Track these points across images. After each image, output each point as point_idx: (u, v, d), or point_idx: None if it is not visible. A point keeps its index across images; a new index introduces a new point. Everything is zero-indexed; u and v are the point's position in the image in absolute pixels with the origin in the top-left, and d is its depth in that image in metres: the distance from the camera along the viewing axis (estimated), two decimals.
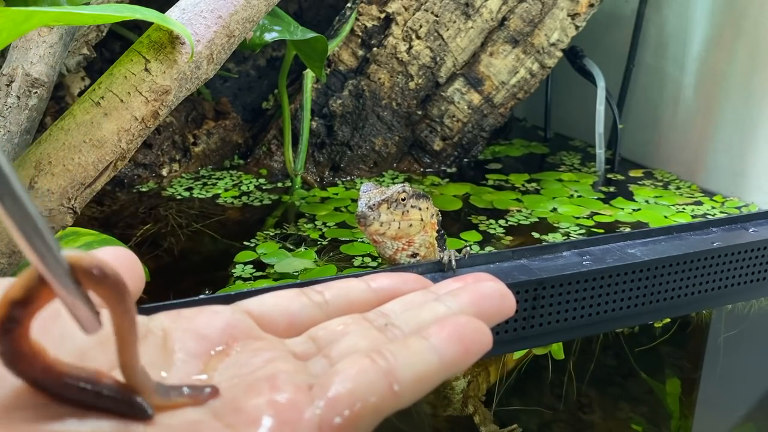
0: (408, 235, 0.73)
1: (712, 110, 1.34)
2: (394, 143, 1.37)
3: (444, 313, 0.52)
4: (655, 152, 1.48)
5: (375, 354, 0.43)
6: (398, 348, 0.45)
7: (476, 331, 0.47)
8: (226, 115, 1.42)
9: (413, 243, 0.75)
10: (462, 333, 0.46)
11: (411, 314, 0.52)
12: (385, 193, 0.71)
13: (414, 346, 0.45)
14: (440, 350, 0.45)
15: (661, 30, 1.45)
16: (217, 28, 0.68)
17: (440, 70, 1.34)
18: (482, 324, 0.48)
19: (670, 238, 0.85)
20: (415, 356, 0.44)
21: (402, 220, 0.71)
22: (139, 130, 0.64)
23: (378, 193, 0.71)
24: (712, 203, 1.25)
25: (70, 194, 0.61)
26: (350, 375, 0.42)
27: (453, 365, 0.46)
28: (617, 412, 1.06)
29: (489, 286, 0.55)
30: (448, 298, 0.54)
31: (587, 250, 0.80)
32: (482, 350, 0.47)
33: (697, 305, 0.85)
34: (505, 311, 0.55)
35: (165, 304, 0.58)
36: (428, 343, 0.45)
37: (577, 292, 0.74)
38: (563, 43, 1.37)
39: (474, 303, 0.53)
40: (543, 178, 1.38)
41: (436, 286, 0.60)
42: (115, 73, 0.64)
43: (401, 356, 0.44)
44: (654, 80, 1.48)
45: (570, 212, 1.18)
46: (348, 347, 0.47)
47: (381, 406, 0.42)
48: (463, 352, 0.46)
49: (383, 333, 0.49)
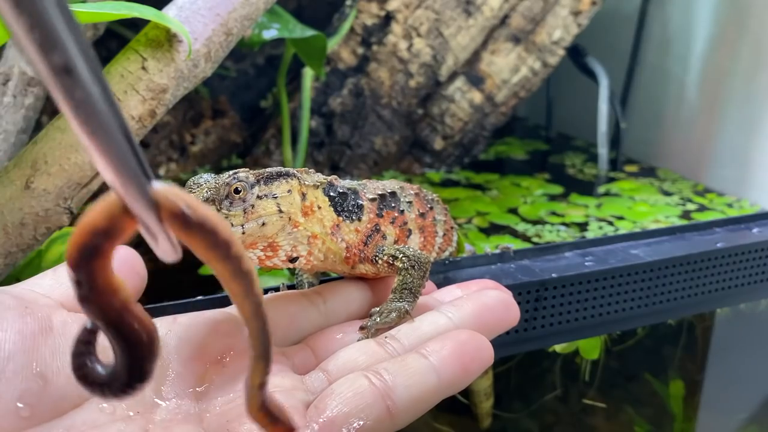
0: (265, 237, 0.52)
1: (716, 109, 1.34)
2: (395, 142, 1.37)
3: (445, 325, 0.52)
4: (658, 151, 1.48)
5: (372, 374, 0.44)
6: (396, 367, 0.45)
7: (477, 349, 0.47)
8: (224, 113, 1.42)
9: (278, 247, 0.53)
10: (462, 351, 0.46)
11: (411, 327, 0.52)
12: (213, 188, 0.50)
13: (413, 365, 0.45)
14: (439, 370, 0.45)
15: (664, 28, 1.45)
16: (215, 26, 0.68)
17: (441, 68, 1.34)
18: (483, 340, 0.48)
19: (673, 239, 0.85)
20: (414, 377, 0.44)
21: (247, 221, 0.50)
22: (136, 129, 0.64)
23: (206, 190, 0.50)
24: (705, 201, 1.25)
25: (67, 194, 0.61)
26: (346, 397, 0.42)
27: (452, 385, 0.46)
28: (620, 415, 1.06)
29: (493, 296, 0.55)
30: (451, 309, 0.53)
31: (590, 250, 0.80)
32: (483, 367, 0.47)
33: (700, 306, 0.85)
34: (508, 322, 0.55)
35: (162, 305, 0.58)
36: (427, 362, 0.45)
37: (579, 293, 0.74)
38: (566, 41, 1.37)
39: (477, 315, 0.53)
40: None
41: (439, 291, 0.61)
42: (112, 71, 0.64)
43: (399, 377, 0.44)
44: (657, 79, 1.48)
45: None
46: (346, 362, 0.48)
47: (377, 428, 0.42)
48: (462, 371, 0.46)
49: (382, 347, 0.49)
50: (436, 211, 0.70)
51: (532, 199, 1.25)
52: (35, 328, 0.40)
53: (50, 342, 0.40)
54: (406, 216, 0.64)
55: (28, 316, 0.40)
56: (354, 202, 0.59)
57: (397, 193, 0.64)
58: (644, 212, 1.19)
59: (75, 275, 0.28)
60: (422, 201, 0.67)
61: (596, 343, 0.93)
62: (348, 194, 0.59)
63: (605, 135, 1.42)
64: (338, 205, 0.57)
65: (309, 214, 0.54)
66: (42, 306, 0.42)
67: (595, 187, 1.34)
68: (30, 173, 0.60)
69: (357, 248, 0.58)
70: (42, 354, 0.39)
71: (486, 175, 1.40)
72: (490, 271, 0.74)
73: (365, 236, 0.59)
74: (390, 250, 0.58)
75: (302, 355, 0.50)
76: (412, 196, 0.66)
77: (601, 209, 1.20)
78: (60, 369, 0.39)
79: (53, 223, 0.62)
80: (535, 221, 1.14)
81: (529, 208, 1.20)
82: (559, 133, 1.75)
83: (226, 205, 0.49)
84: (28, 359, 0.38)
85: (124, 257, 0.50)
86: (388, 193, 0.62)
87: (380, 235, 0.60)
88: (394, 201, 0.63)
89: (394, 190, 0.63)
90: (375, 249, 0.59)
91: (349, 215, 0.58)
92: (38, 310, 0.41)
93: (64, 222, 0.62)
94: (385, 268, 0.58)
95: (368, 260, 0.59)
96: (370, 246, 0.59)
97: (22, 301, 0.41)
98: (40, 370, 0.38)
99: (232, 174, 0.50)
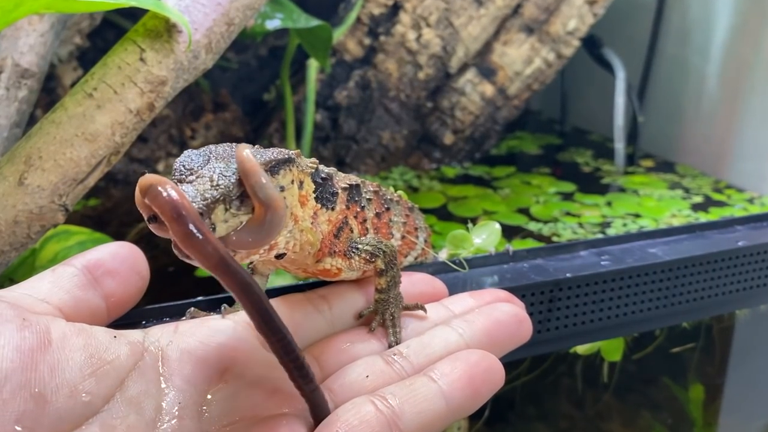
0: None
1: (738, 102, 1.33)
2: (403, 137, 1.37)
3: (456, 342, 0.51)
4: (677, 146, 1.48)
5: (379, 399, 0.43)
6: (404, 392, 0.44)
7: (488, 371, 0.47)
8: (226, 107, 1.42)
9: (275, 245, 0.48)
10: (473, 374, 0.46)
11: (421, 343, 0.52)
12: (216, 179, 0.42)
13: (421, 390, 0.45)
14: (448, 394, 0.45)
15: (683, 18, 1.44)
16: (216, 16, 0.68)
17: (451, 59, 1.34)
18: (495, 362, 0.48)
19: (692, 237, 0.84)
20: (422, 403, 0.44)
21: None
22: (134, 123, 0.64)
23: (207, 182, 0.41)
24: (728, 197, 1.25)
25: (62, 190, 0.61)
26: (352, 425, 0.42)
27: (461, 410, 0.46)
28: (638, 420, 1.06)
29: (506, 311, 0.55)
30: (462, 324, 0.53)
31: (606, 249, 0.80)
32: (494, 390, 0.47)
33: (721, 307, 0.84)
34: (520, 339, 0.54)
35: (160, 306, 0.58)
36: (436, 387, 0.45)
37: (595, 294, 0.74)
38: (581, 31, 1.37)
39: (488, 332, 0.53)
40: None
41: (450, 300, 0.60)
42: (109, 63, 0.64)
43: (407, 403, 0.44)
44: (676, 70, 1.47)
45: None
46: (352, 382, 0.47)
47: None
48: (472, 395, 0.46)
49: (390, 365, 0.49)
50: (394, 212, 0.65)
51: (545, 198, 1.25)
52: (33, 343, 0.39)
53: (48, 358, 0.39)
54: (366, 213, 0.60)
55: (26, 329, 0.40)
56: (331, 189, 0.54)
57: (360, 187, 0.60)
58: (654, 208, 1.19)
59: (147, 214, 0.40)
60: (380, 200, 0.63)
61: (618, 344, 0.93)
62: (327, 180, 0.54)
63: (622, 129, 1.41)
64: (319, 191, 0.53)
65: (304, 204, 0.50)
66: (40, 316, 0.42)
67: (610, 184, 1.33)
68: (23, 169, 0.59)
69: (328, 240, 0.54)
70: (41, 372, 0.38)
71: (504, 168, 1.40)
72: (501, 271, 0.73)
73: (336, 228, 0.55)
74: (368, 247, 0.55)
75: None
76: (371, 193, 0.62)
77: (613, 207, 1.20)
78: (59, 387, 0.39)
79: (48, 221, 0.61)
80: (547, 221, 1.14)
81: (541, 208, 1.20)
82: (573, 127, 1.74)
83: (236, 205, 0.42)
84: (26, 378, 0.38)
85: (124, 255, 0.50)
86: (354, 185, 0.59)
87: (348, 228, 0.57)
88: (358, 195, 0.59)
89: (358, 183, 0.60)
90: (347, 242, 0.56)
91: (325, 203, 0.53)
92: (36, 322, 0.41)
93: (59, 220, 0.62)
94: (360, 265, 0.55)
95: (340, 254, 0.55)
96: (341, 239, 0.55)
97: (20, 311, 0.41)
98: (39, 390, 0.38)
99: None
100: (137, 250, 0.51)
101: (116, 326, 0.48)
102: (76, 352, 0.40)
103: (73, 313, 0.45)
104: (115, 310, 0.49)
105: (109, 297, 0.48)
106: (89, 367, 0.40)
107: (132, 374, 0.42)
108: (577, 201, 1.23)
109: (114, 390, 0.41)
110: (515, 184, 1.32)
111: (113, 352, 0.42)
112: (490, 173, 1.38)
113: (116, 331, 0.45)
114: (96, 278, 0.48)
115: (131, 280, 0.50)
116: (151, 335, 0.47)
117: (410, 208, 0.70)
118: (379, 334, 0.54)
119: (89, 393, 0.39)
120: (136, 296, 0.51)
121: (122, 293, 0.49)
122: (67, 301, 0.46)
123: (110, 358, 0.42)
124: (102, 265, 0.49)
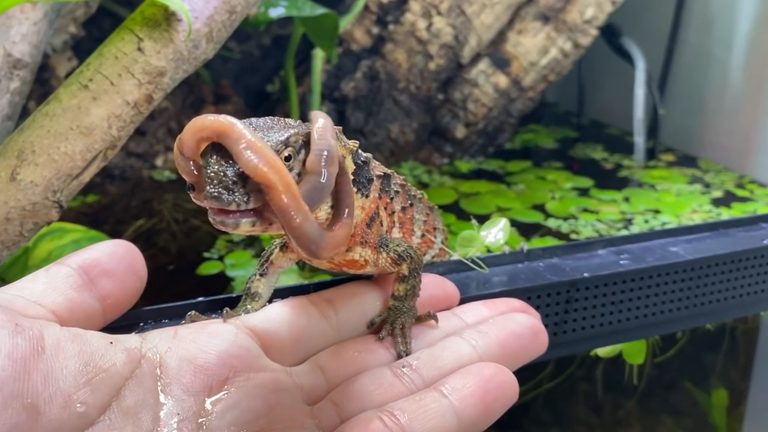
0: None
1: (762, 94, 1.32)
2: (413, 130, 1.36)
3: (468, 355, 0.51)
4: (699, 140, 1.47)
5: (387, 415, 0.43)
6: (414, 408, 0.44)
7: (502, 386, 0.47)
8: (227, 99, 1.41)
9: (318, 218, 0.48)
10: (486, 389, 0.46)
11: (431, 355, 0.51)
12: (281, 134, 0.43)
13: (431, 406, 0.44)
14: (460, 411, 0.44)
15: (706, 6, 1.44)
16: (217, 4, 0.68)
17: (463, 49, 1.33)
18: (509, 376, 0.47)
19: (716, 235, 0.84)
20: (433, 419, 0.44)
21: None
22: (132, 115, 0.64)
23: (274, 133, 0.43)
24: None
25: (56, 186, 0.61)
26: None
27: (473, 427, 0.45)
28: (658, 427, 1.06)
29: (521, 322, 0.54)
30: (475, 336, 0.53)
31: (625, 248, 0.79)
32: (507, 406, 0.47)
33: (746, 308, 0.84)
34: (536, 351, 0.54)
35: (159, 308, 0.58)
36: (447, 402, 0.45)
37: (614, 295, 0.73)
38: (599, 20, 1.36)
39: (503, 344, 0.52)
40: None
41: (462, 309, 0.59)
42: (105, 53, 0.64)
43: (417, 420, 0.43)
44: (698, 61, 1.46)
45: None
46: (359, 395, 0.47)
47: None
48: (485, 411, 0.45)
49: (399, 378, 0.49)
50: (416, 209, 0.65)
51: (561, 193, 1.24)
52: (27, 350, 0.39)
53: (42, 366, 0.39)
54: (394, 205, 0.59)
55: (18, 335, 0.39)
56: (368, 174, 0.53)
57: (391, 177, 0.59)
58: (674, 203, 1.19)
59: (189, 179, 0.41)
60: (405, 194, 0.62)
61: (641, 346, 0.93)
62: (366, 164, 0.53)
63: (642, 122, 1.41)
64: (357, 173, 0.52)
65: None
66: (33, 321, 0.41)
67: (628, 179, 1.33)
68: (16, 164, 0.59)
69: (360, 228, 0.53)
70: (34, 381, 0.38)
71: (519, 163, 1.39)
72: (515, 270, 0.73)
73: (368, 217, 0.54)
74: (398, 248, 0.55)
75: (312, 378, 0.49)
76: (399, 186, 0.60)
77: (631, 203, 1.20)
78: (52, 397, 0.38)
79: (41, 218, 0.61)
80: (564, 218, 1.13)
81: (557, 204, 1.20)
82: (591, 120, 1.74)
83: (299, 159, 0.44)
84: (18, 388, 0.37)
85: (121, 255, 0.50)
86: (386, 175, 0.58)
87: (379, 219, 0.56)
88: (388, 186, 0.58)
89: (389, 173, 0.58)
90: (377, 234, 0.55)
91: (360, 188, 0.52)
92: (30, 328, 0.40)
93: (53, 217, 0.62)
94: (386, 264, 0.55)
95: (371, 246, 0.54)
96: (373, 230, 0.54)
97: (12, 316, 0.40)
98: (31, 401, 0.37)
99: (282, 138, 0.43)
100: (134, 248, 0.51)
101: (113, 329, 0.48)
102: (70, 360, 0.40)
103: (68, 316, 0.45)
104: (112, 312, 0.49)
105: (106, 298, 0.48)
106: (84, 376, 0.40)
107: (129, 383, 0.42)
108: (593, 197, 1.23)
109: (110, 400, 0.41)
110: (530, 180, 1.31)
111: (109, 359, 0.42)
112: (504, 168, 1.37)
113: (113, 337, 0.44)
114: (91, 279, 0.48)
115: (128, 281, 0.50)
116: (149, 341, 0.46)
117: (431, 208, 0.70)
118: (387, 343, 0.54)
119: (84, 403, 0.39)
120: (133, 297, 0.51)
121: (119, 294, 0.49)
122: (61, 303, 0.45)
123: (106, 365, 0.41)
124: (98, 264, 0.48)
